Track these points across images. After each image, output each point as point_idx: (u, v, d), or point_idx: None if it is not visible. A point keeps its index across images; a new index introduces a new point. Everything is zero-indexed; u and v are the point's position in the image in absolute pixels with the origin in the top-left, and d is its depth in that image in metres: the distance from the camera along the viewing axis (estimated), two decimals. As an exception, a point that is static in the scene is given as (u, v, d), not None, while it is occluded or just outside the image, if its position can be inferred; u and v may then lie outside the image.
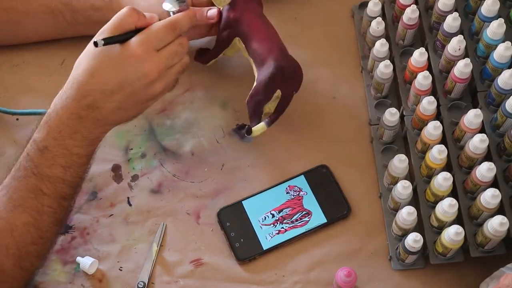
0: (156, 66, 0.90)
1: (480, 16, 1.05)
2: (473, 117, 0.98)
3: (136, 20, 0.91)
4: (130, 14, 0.90)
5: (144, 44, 0.89)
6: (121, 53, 0.88)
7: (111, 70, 0.88)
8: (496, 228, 0.93)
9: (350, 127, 1.12)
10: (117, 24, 0.90)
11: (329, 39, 1.19)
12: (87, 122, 0.90)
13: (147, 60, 0.89)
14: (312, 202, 1.05)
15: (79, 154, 0.91)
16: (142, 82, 0.90)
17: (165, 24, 0.92)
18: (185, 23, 0.94)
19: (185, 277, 1.01)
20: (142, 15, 0.91)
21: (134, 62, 0.89)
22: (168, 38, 0.92)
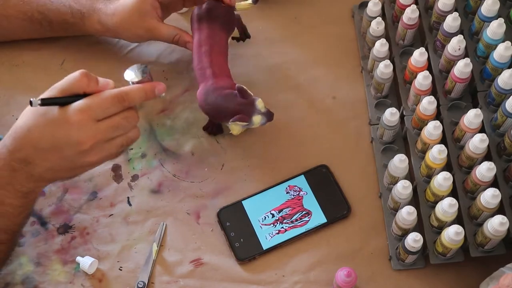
0: (90, 137, 0.85)
1: (480, 16, 1.05)
2: (473, 117, 0.98)
3: (86, 85, 0.86)
4: (80, 79, 0.86)
5: (83, 112, 0.84)
6: (57, 116, 0.84)
7: (45, 131, 0.85)
8: (496, 228, 0.93)
9: (350, 127, 1.12)
10: (66, 86, 0.86)
11: (329, 39, 1.19)
12: (20, 175, 0.87)
13: (81, 129, 0.84)
14: (312, 202, 1.05)
15: (12, 204, 0.88)
16: (74, 149, 0.86)
17: (112, 94, 0.86)
18: (137, 97, 0.88)
19: (185, 277, 1.01)
20: (93, 81, 0.87)
21: (68, 129, 0.84)
22: (112, 110, 0.86)
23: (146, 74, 0.92)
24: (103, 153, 0.88)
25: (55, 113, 0.85)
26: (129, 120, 0.89)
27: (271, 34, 1.19)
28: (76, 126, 0.84)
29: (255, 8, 1.20)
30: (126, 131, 0.89)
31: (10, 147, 0.86)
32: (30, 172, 0.87)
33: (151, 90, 0.91)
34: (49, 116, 0.85)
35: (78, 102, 0.85)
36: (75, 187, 1.07)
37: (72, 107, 0.85)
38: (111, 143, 0.88)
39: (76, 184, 1.07)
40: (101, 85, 0.88)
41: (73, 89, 0.86)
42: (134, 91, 0.88)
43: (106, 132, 0.87)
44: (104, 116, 0.86)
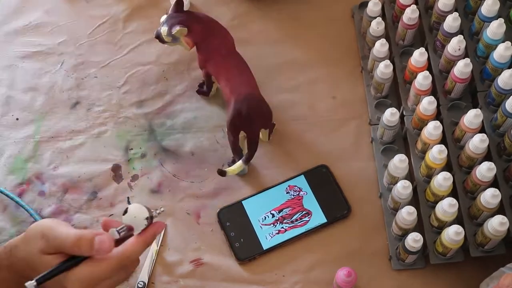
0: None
1: (480, 16, 1.05)
2: (473, 117, 0.98)
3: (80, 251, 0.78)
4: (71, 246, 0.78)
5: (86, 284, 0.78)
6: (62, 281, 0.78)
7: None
8: (496, 228, 0.93)
9: (350, 127, 1.12)
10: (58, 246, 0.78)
11: (329, 39, 1.19)
12: None
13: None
14: (312, 202, 1.05)
15: None
16: None
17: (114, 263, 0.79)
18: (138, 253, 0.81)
19: (185, 277, 1.01)
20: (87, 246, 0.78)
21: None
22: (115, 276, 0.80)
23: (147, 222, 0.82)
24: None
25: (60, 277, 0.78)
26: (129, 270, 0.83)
27: (271, 34, 1.19)
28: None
29: (255, 8, 1.21)
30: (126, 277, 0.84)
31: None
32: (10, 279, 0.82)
33: (153, 238, 0.83)
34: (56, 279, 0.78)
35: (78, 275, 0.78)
36: (75, 187, 1.07)
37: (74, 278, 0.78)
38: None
39: (76, 184, 1.07)
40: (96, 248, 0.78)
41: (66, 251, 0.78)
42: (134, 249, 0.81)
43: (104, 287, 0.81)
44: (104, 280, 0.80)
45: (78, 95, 1.14)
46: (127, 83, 1.15)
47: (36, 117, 1.12)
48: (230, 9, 1.21)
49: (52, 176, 1.07)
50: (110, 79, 1.15)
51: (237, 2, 1.21)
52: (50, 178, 1.07)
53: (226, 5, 1.22)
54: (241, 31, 1.19)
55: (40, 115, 1.12)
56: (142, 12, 1.21)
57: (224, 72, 1.04)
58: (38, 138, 1.10)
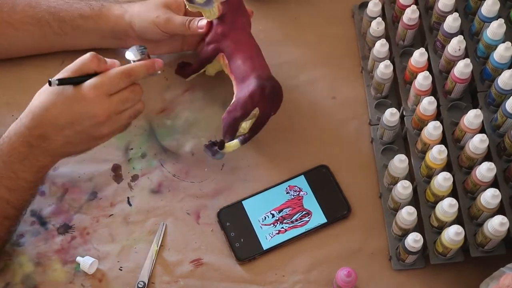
0: (105, 110, 0.94)
1: (480, 17, 1.05)
2: (473, 117, 0.98)
3: (97, 65, 0.94)
4: (91, 60, 0.94)
5: (97, 88, 0.93)
6: (74, 94, 0.92)
7: (63, 108, 0.92)
8: (496, 228, 0.93)
9: (350, 127, 1.12)
10: (78, 67, 0.94)
11: (329, 39, 1.19)
12: (37, 150, 0.94)
13: (97, 103, 0.93)
14: (312, 202, 1.05)
15: (26, 179, 0.95)
16: (91, 122, 0.94)
17: (120, 71, 0.95)
18: (140, 72, 0.97)
19: (185, 277, 1.01)
20: (103, 61, 0.95)
21: (85, 104, 0.93)
22: (121, 85, 0.95)
23: (144, 54, 0.99)
24: (115, 125, 0.96)
25: (71, 91, 0.93)
26: (135, 93, 0.96)
27: (271, 34, 1.19)
28: (92, 101, 0.92)
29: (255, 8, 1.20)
30: (133, 103, 0.97)
31: (29, 125, 0.93)
32: (47, 147, 0.94)
33: (152, 66, 0.98)
34: (66, 94, 0.93)
35: (92, 80, 0.93)
36: (75, 187, 1.07)
37: (86, 85, 0.93)
38: (121, 115, 0.96)
39: (76, 184, 1.07)
40: (109, 64, 0.96)
41: (85, 70, 0.94)
42: (138, 67, 0.97)
43: (118, 104, 0.95)
44: (115, 90, 0.94)
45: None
46: None
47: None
48: (230, 9, 1.21)
49: (52, 176, 1.07)
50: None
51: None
52: (50, 178, 1.07)
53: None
54: (241, 31, 1.19)
55: None
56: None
57: (247, 49, 1.04)
58: None
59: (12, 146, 0.93)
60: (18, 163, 0.93)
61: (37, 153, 0.94)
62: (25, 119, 0.93)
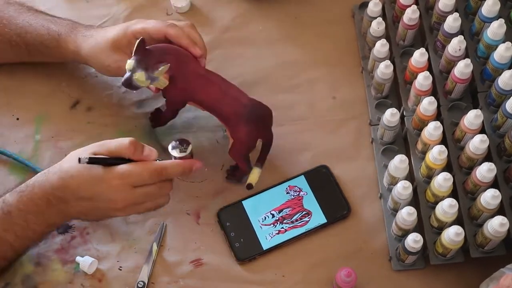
0: (124, 199, 0.93)
1: (480, 17, 1.05)
2: (474, 118, 0.98)
3: (132, 153, 0.93)
4: (128, 147, 0.93)
5: (124, 177, 0.92)
6: (101, 175, 0.92)
7: (87, 184, 0.92)
8: (496, 229, 0.93)
9: (350, 127, 1.12)
10: (114, 149, 0.93)
11: (329, 39, 1.19)
12: (53, 209, 0.94)
13: (119, 191, 0.92)
14: (312, 202, 1.05)
15: (35, 231, 0.95)
16: (108, 206, 0.94)
17: (152, 168, 0.93)
18: (174, 173, 0.96)
19: (185, 277, 1.01)
20: (139, 149, 0.94)
21: (107, 188, 0.92)
22: (149, 181, 0.93)
23: (185, 153, 0.98)
24: (131, 212, 0.96)
25: (99, 171, 0.92)
26: (162, 190, 0.96)
27: (271, 34, 1.19)
28: (114, 188, 0.92)
29: (255, 8, 1.21)
30: (156, 198, 0.96)
31: (54, 184, 0.93)
32: (63, 209, 0.94)
33: (189, 168, 0.97)
34: (93, 172, 0.92)
35: (121, 167, 0.92)
36: (75, 187, 1.07)
37: (115, 170, 0.92)
38: (141, 205, 0.96)
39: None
40: (145, 154, 0.94)
41: (120, 154, 0.93)
42: (172, 168, 0.95)
43: (139, 197, 0.94)
44: (141, 184, 0.93)
45: (78, 94, 1.14)
46: None
47: (36, 117, 1.12)
48: (231, 9, 1.21)
49: (52, 176, 1.07)
50: (110, 79, 1.14)
51: (237, 2, 1.21)
52: (50, 178, 1.07)
53: (226, 5, 1.22)
54: (241, 31, 1.19)
55: (41, 115, 1.12)
56: (143, 12, 1.21)
57: (213, 90, 1.00)
58: (38, 138, 1.10)
59: (33, 198, 0.93)
60: (33, 215, 0.94)
61: (53, 212, 0.94)
62: (52, 176, 0.93)
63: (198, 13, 1.22)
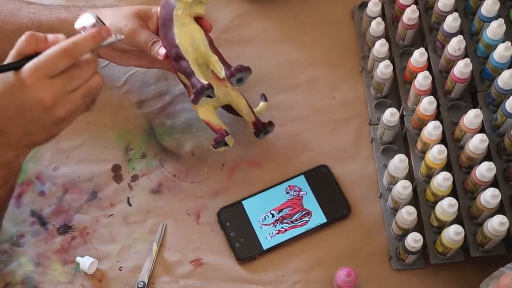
0: (49, 93, 0.84)
1: (480, 16, 1.05)
2: (473, 117, 0.98)
3: (35, 45, 0.85)
4: (28, 40, 0.85)
5: (34, 72, 0.83)
6: (13, 80, 0.84)
7: (8, 97, 0.85)
8: (496, 228, 0.93)
9: (350, 127, 1.12)
10: (17, 51, 0.85)
11: (329, 39, 1.19)
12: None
13: (38, 87, 0.84)
14: (312, 202, 1.05)
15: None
16: (39, 108, 0.85)
17: (59, 49, 0.84)
18: (85, 46, 0.86)
19: (185, 277, 1.01)
20: (41, 39, 0.86)
21: (26, 90, 0.84)
22: (62, 64, 0.84)
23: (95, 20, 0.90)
24: (68, 106, 0.86)
25: (12, 78, 0.84)
26: (83, 68, 0.86)
27: (271, 34, 1.19)
28: (32, 86, 0.83)
29: (255, 8, 1.21)
30: (84, 79, 0.86)
31: None
32: (5, 141, 0.87)
33: (100, 35, 0.87)
34: (7, 81, 0.84)
35: (29, 64, 0.83)
36: (75, 187, 1.07)
37: (24, 70, 0.83)
38: (73, 94, 0.86)
39: (76, 184, 1.07)
40: (51, 41, 0.86)
41: (24, 52, 0.85)
42: (80, 41, 0.85)
43: (63, 85, 0.85)
44: (56, 72, 0.84)
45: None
46: (127, 83, 1.15)
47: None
48: (231, 9, 1.21)
49: (52, 176, 1.07)
50: (110, 79, 1.15)
51: (237, 2, 1.21)
52: (50, 178, 1.07)
53: (226, 5, 1.22)
54: (241, 31, 1.19)
55: None
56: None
57: None
58: None
59: None
60: None
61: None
62: None
63: (198, 13, 1.22)
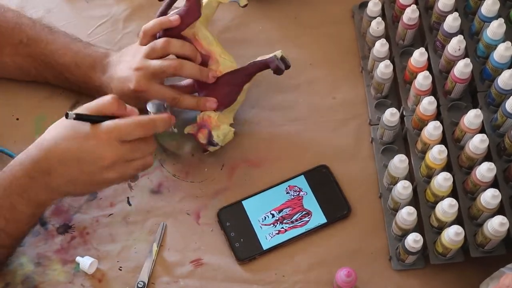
0: (113, 154, 0.91)
1: (480, 16, 1.05)
2: (473, 117, 0.98)
3: (116, 109, 0.93)
4: (112, 102, 0.92)
5: (111, 131, 0.90)
6: (88, 131, 0.90)
7: (73, 143, 0.90)
8: (496, 228, 0.93)
9: (350, 127, 1.12)
10: (97, 107, 0.92)
11: (329, 39, 1.19)
12: (37, 185, 0.92)
13: (107, 146, 0.91)
14: (312, 202, 1.05)
15: (24, 212, 0.93)
16: (96, 164, 0.91)
17: (138, 121, 0.93)
18: (159, 126, 0.95)
19: (185, 277, 1.01)
20: (122, 106, 0.93)
21: (95, 144, 0.90)
22: (136, 134, 0.92)
23: (166, 109, 1.01)
24: (120, 172, 0.93)
25: (86, 128, 0.91)
26: (148, 145, 0.95)
27: (271, 34, 1.19)
28: (103, 142, 0.90)
29: (255, 8, 1.21)
30: (144, 155, 0.95)
31: (35, 156, 0.91)
32: (48, 183, 0.91)
33: (170, 121, 0.97)
34: (80, 130, 0.91)
35: (108, 122, 0.91)
36: (75, 187, 1.07)
37: (102, 126, 0.91)
38: (129, 164, 0.94)
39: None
40: (128, 110, 0.94)
41: (104, 111, 0.92)
42: (157, 121, 0.95)
43: (128, 152, 0.92)
44: (128, 138, 0.92)
45: (77, 95, 1.13)
46: None
47: (36, 117, 1.12)
48: (231, 9, 1.21)
49: (52, 176, 1.07)
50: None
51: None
52: (50, 178, 1.07)
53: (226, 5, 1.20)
54: (241, 31, 1.19)
55: (41, 115, 1.12)
56: (142, 12, 1.21)
57: None
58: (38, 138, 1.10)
59: (14, 176, 0.91)
60: (17, 195, 0.92)
61: (37, 188, 0.92)
62: (33, 150, 0.92)
63: (198, 13, 1.22)
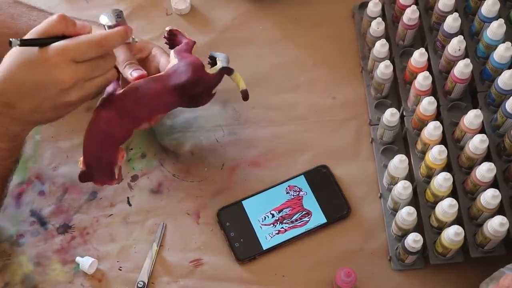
0: (71, 76, 0.87)
1: (480, 17, 1.05)
2: (473, 118, 0.98)
3: (64, 27, 0.88)
4: (59, 21, 0.88)
5: (63, 53, 0.86)
6: (38, 56, 0.86)
7: (26, 71, 0.87)
8: (496, 229, 0.93)
9: (350, 127, 1.12)
10: (45, 29, 0.88)
11: (329, 39, 1.19)
12: (4, 119, 0.89)
13: (62, 68, 0.87)
14: (312, 202, 1.05)
15: (1, 148, 0.91)
16: (55, 88, 0.88)
17: (91, 39, 0.88)
18: (114, 42, 0.91)
19: (185, 277, 1.01)
20: (71, 23, 0.89)
21: (48, 68, 0.87)
22: (90, 54, 0.88)
23: (121, 19, 0.94)
24: (83, 92, 0.90)
25: (35, 53, 0.86)
26: (107, 61, 0.91)
27: (271, 34, 1.19)
28: (56, 65, 0.86)
29: (255, 8, 1.21)
30: (104, 72, 0.91)
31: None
32: (14, 115, 0.89)
33: (126, 34, 0.92)
34: (30, 56, 0.86)
35: (57, 43, 0.87)
36: (75, 187, 1.07)
37: (51, 48, 0.86)
38: (90, 82, 0.90)
39: (76, 184, 1.07)
40: (79, 28, 0.89)
41: (52, 32, 0.88)
42: (111, 36, 0.90)
43: (86, 71, 0.89)
44: (82, 59, 0.88)
45: (78, 94, 1.14)
46: None
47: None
48: (231, 9, 1.21)
49: (52, 176, 1.07)
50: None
51: (237, 2, 1.21)
52: (50, 178, 1.07)
53: (226, 5, 1.22)
54: (241, 31, 1.19)
55: None
56: (142, 12, 1.21)
57: None
58: (38, 138, 1.10)
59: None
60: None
61: (6, 122, 0.89)
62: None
63: (198, 13, 1.22)
